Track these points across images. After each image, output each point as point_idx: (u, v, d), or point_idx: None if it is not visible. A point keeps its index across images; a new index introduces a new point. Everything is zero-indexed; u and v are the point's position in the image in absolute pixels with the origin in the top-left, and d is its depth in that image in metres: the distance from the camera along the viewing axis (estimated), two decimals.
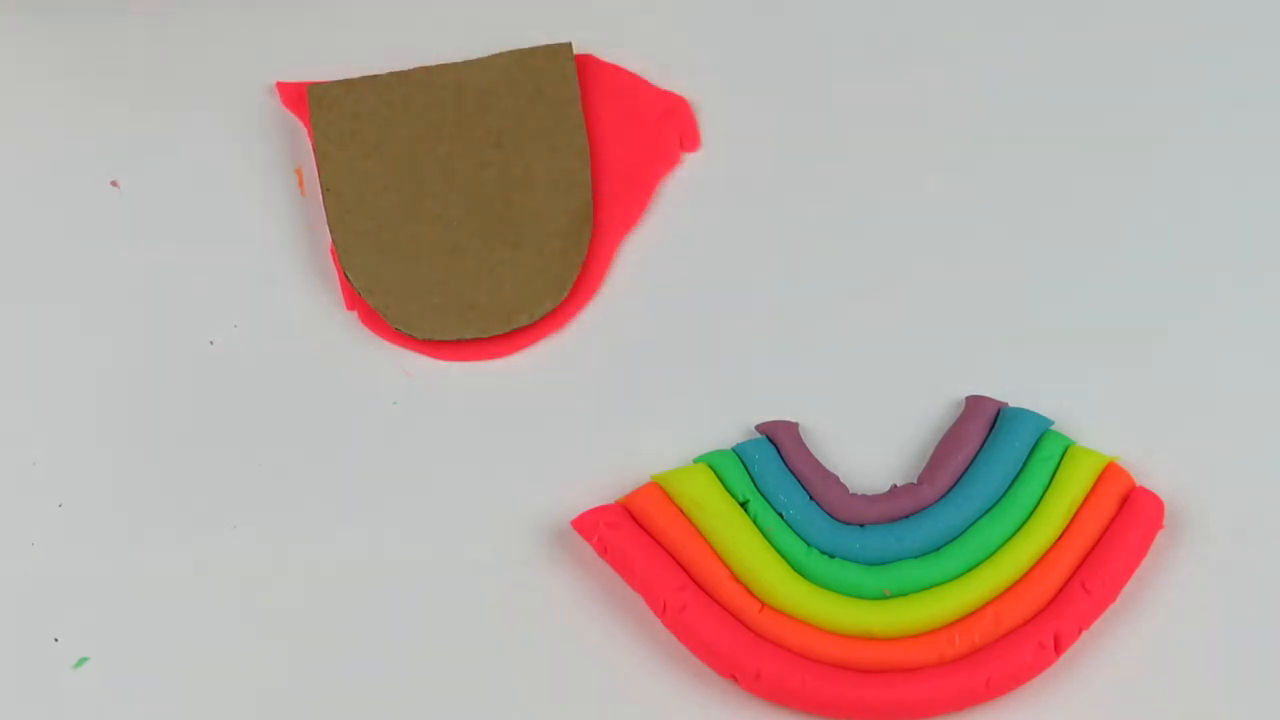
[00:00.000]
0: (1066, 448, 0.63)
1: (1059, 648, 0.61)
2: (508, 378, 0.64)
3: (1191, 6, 0.68)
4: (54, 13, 0.67)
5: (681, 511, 0.62)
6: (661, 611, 0.61)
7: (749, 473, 0.63)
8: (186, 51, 0.66)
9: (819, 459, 0.63)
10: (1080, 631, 0.61)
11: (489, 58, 0.66)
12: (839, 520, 0.63)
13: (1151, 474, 0.63)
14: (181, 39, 0.67)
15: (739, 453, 0.63)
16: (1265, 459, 0.64)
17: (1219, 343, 0.65)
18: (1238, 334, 0.65)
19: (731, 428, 0.64)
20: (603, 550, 0.62)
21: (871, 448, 0.64)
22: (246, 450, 0.63)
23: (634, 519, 0.62)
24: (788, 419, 0.64)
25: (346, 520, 0.63)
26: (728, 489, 0.62)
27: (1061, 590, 0.62)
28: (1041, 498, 0.63)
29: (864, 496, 0.63)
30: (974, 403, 0.64)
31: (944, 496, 0.63)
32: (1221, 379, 0.65)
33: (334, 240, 0.65)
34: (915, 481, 0.63)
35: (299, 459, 0.63)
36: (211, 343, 0.64)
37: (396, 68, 0.66)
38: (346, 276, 0.64)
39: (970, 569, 0.62)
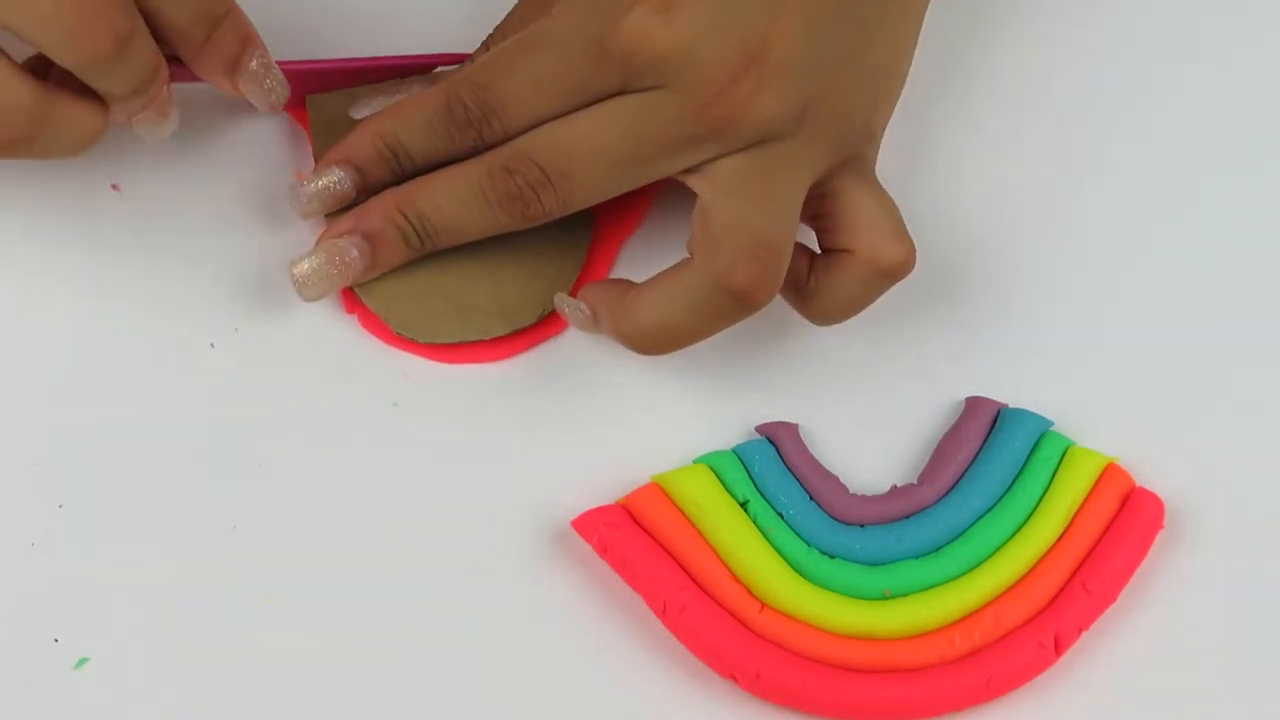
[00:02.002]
0: (1066, 448, 0.63)
1: (1059, 648, 0.61)
2: (508, 379, 0.64)
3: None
4: None
5: (681, 512, 0.62)
6: (661, 611, 0.61)
7: (749, 473, 0.63)
8: None
9: (819, 459, 0.63)
10: (1080, 631, 0.61)
11: None
12: (839, 520, 0.63)
13: (1151, 474, 0.63)
14: None
15: (739, 453, 0.63)
16: (1265, 459, 0.64)
17: (1219, 343, 0.65)
18: (1238, 334, 0.65)
19: (731, 428, 0.64)
20: (603, 550, 0.62)
21: (871, 448, 0.64)
22: (247, 452, 0.63)
23: (634, 519, 0.62)
24: (788, 419, 0.64)
25: (346, 521, 0.63)
26: (728, 489, 0.62)
27: (1061, 590, 0.62)
28: (1041, 498, 0.63)
29: (864, 496, 0.63)
30: (974, 403, 0.64)
31: (944, 497, 0.63)
32: (1222, 379, 0.65)
33: None
34: (915, 482, 0.63)
35: (299, 461, 0.63)
36: (212, 345, 0.64)
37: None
38: None
39: (970, 569, 0.62)
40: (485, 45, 0.64)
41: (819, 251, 0.62)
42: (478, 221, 0.61)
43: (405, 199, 0.62)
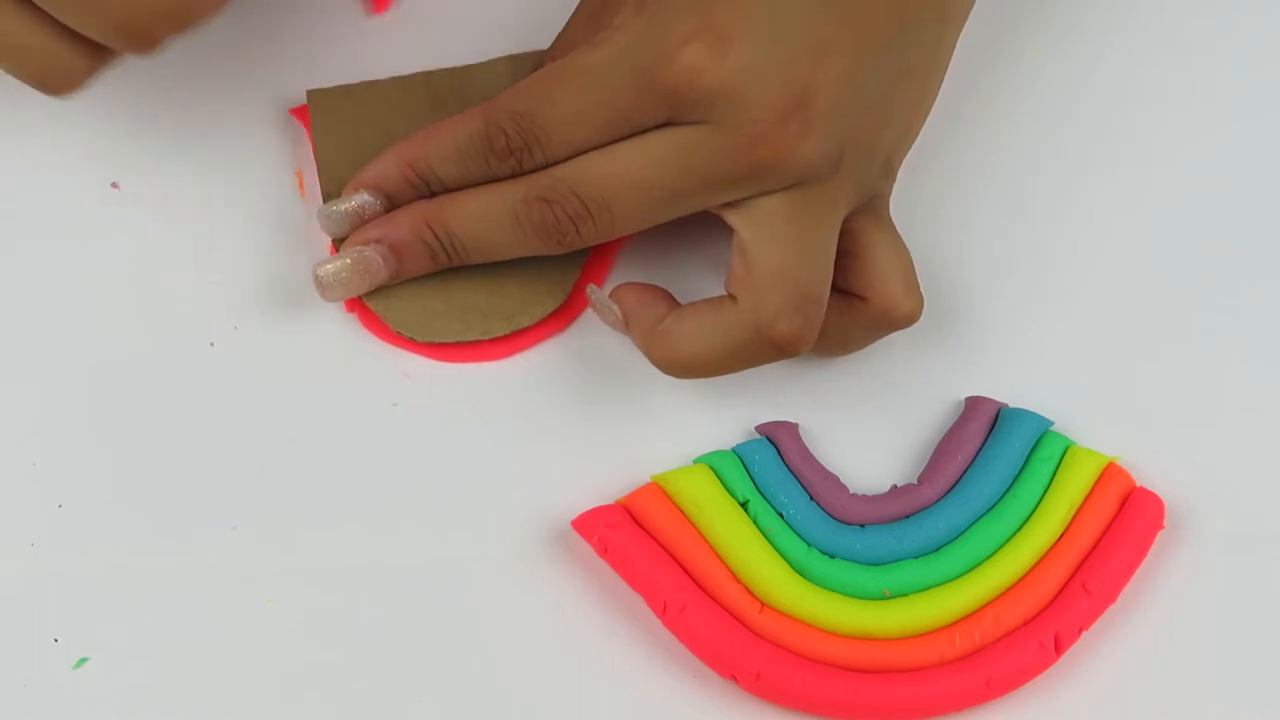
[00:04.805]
0: (1067, 448, 0.63)
1: (1059, 648, 0.61)
2: (508, 379, 0.64)
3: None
4: None
5: (681, 512, 0.62)
6: (661, 611, 0.61)
7: (749, 473, 0.63)
8: (187, 53, 0.66)
9: (819, 459, 0.63)
10: (1080, 631, 0.61)
11: (488, 62, 0.66)
12: (839, 520, 0.63)
13: (1151, 474, 0.63)
14: (182, 40, 0.67)
15: (739, 453, 0.63)
16: (1265, 459, 0.64)
17: (1219, 343, 0.65)
18: (1238, 334, 0.65)
19: (731, 428, 0.64)
20: (603, 550, 0.62)
21: (871, 448, 0.64)
22: (246, 451, 0.63)
23: (634, 519, 0.62)
24: (788, 419, 0.64)
25: (346, 521, 0.63)
26: (728, 489, 0.62)
27: (1062, 590, 0.62)
28: (1041, 498, 0.63)
29: (864, 496, 0.63)
30: (974, 403, 0.64)
31: (944, 496, 0.63)
32: (1222, 379, 0.65)
33: (333, 244, 0.64)
34: (915, 482, 0.63)
35: (299, 460, 0.63)
36: (211, 344, 0.64)
37: (396, 72, 0.66)
38: None
39: (970, 569, 0.62)
40: (543, 61, 0.64)
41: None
42: (509, 244, 0.61)
43: (436, 215, 0.62)
